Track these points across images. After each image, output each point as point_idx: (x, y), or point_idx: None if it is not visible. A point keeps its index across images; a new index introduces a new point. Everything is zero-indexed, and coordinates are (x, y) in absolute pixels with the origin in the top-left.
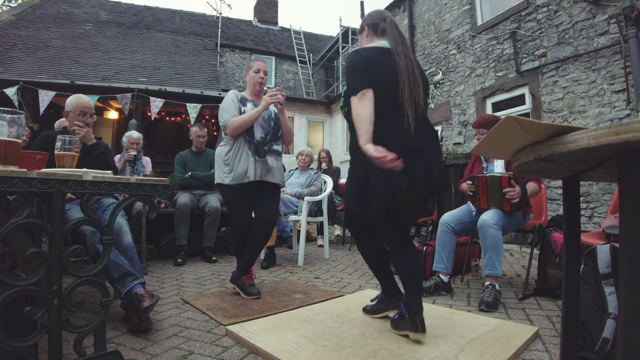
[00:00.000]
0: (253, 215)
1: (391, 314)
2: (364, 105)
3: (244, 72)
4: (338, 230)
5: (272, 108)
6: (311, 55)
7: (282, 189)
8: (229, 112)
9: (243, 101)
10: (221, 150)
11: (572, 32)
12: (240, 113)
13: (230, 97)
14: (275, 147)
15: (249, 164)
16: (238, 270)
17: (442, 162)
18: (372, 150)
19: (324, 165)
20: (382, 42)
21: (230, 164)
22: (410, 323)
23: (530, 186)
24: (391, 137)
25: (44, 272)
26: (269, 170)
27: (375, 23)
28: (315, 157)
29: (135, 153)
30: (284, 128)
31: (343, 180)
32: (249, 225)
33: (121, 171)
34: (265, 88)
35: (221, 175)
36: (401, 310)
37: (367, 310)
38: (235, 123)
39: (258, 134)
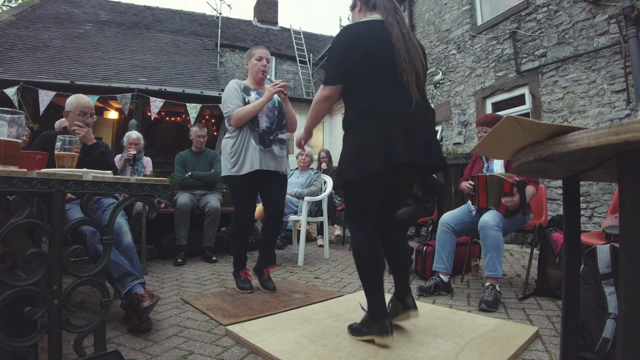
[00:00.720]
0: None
1: (377, 340)
2: (322, 108)
3: (246, 59)
4: (338, 230)
5: (276, 97)
6: (311, 55)
7: None
8: (232, 102)
9: (246, 90)
10: (227, 142)
11: (572, 32)
12: (245, 102)
13: (233, 87)
14: (281, 135)
15: (255, 154)
16: (260, 264)
17: (438, 139)
18: (299, 139)
19: (323, 165)
20: (374, 16)
21: (237, 155)
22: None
23: (529, 190)
24: (385, 110)
25: (44, 272)
26: (276, 159)
27: None
28: (315, 157)
29: (134, 152)
30: (287, 116)
31: None
32: (251, 222)
33: (121, 171)
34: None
35: (228, 167)
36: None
37: (351, 329)
38: (239, 113)
39: (263, 123)
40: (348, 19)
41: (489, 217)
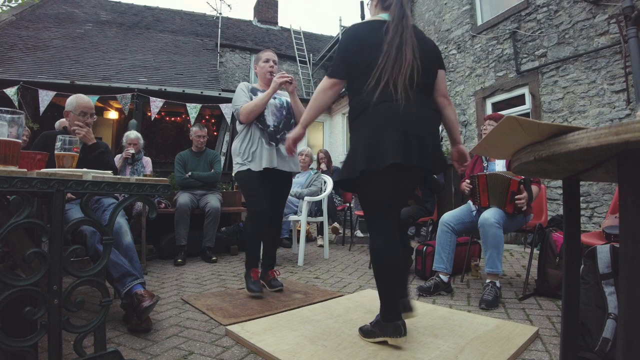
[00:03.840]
0: None
1: (390, 341)
2: (326, 96)
3: (254, 64)
4: (336, 225)
5: (284, 98)
6: (311, 55)
7: None
8: (240, 100)
9: (254, 91)
10: (236, 143)
11: (572, 32)
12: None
13: (241, 88)
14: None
15: (265, 152)
16: (263, 270)
17: (439, 141)
18: (293, 136)
19: (323, 166)
20: (382, 16)
21: (246, 153)
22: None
23: (534, 189)
24: (378, 113)
25: (44, 272)
26: (282, 158)
27: None
28: (315, 157)
29: (133, 151)
30: (296, 112)
31: None
32: (267, 213)
33: (120, 171)
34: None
35: (238, 163)
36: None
37: (362, 331)
38: (247, 108)
39: (270, 122)
40: (367, 5)
41: (489, 215)
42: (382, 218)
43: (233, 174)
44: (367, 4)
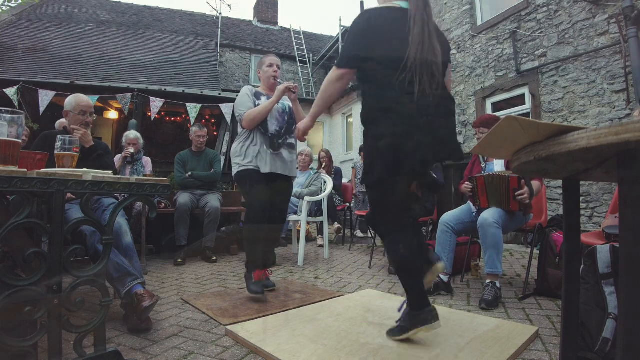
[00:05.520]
0: None
1: (425, 330)
2: (335, 87)
3: (257, 68)
4: (337, 225)
5: (287, 102)
6: (311, 55)
7: None
8: (244, 106)
9: (257, 95)
10: (236, 145)
11: (572, 32)
12: (255, 106)
13: (245, 92)
14: (290, 140)
15: (264, 157)
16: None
17: (455, 133)
18: (303, 127)
19: (323, 166)
20: (398, 3)
21: (249, 156)
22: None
23: (535, 185)
24: (403, 107)
25: (44, 272)
26: (284, 162)
27: None
28: (316, 157)
29: (132, 151)
30: (297, 119)
31: (345, 181)
32: (266, 209)
33: (120, 171)
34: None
35: (240, 163)
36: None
37: (392, 333)
38: (251, 115)
39: (273, 127)
40: None
41: (488, 215)
42: (402, 214)
43: (233, 175)
44: None
